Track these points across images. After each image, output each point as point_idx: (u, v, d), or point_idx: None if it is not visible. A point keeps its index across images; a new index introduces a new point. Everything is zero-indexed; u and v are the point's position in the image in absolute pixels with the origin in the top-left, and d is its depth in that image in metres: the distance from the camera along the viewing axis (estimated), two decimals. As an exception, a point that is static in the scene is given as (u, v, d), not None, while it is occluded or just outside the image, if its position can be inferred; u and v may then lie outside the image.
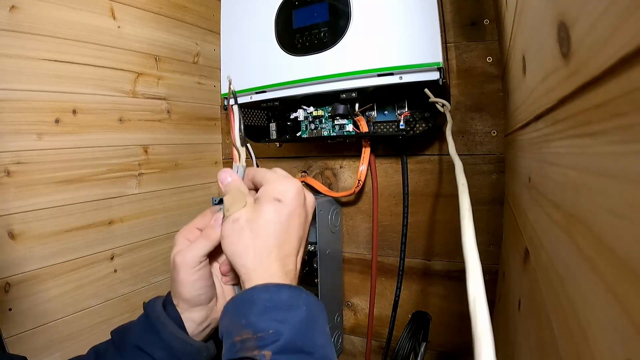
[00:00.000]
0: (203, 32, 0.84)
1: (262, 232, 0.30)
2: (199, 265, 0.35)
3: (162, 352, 0.35)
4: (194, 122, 0.83)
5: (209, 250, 0.36)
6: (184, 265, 0.35)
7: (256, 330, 0.27)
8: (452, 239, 0.67)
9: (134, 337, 0.36)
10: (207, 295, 0.37)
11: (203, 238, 0.36)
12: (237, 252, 0.31)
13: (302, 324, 0.28)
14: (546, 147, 0.25)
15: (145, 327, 0.37)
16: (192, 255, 0.35)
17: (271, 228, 0.31)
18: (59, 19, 0.57)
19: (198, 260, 0.35)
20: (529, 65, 0.30)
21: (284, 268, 0.31)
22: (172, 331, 0.36)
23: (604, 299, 0.13)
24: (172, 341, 0.36)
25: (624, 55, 0.12)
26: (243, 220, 0.31)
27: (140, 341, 0.36)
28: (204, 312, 0.38)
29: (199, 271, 0.35)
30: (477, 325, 0.16)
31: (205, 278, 0.36)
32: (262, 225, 0.30)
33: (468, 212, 0.23)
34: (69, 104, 0.59)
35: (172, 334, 0.36)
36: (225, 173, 0.36)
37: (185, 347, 0.36)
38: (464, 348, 0.67)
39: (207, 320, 0.38)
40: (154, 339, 0.36)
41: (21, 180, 0.53)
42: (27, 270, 0.54)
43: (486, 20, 0.62)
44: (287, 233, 0.31)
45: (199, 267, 0.35)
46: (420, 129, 0.62)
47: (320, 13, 0.56)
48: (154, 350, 0.35)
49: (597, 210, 0.14)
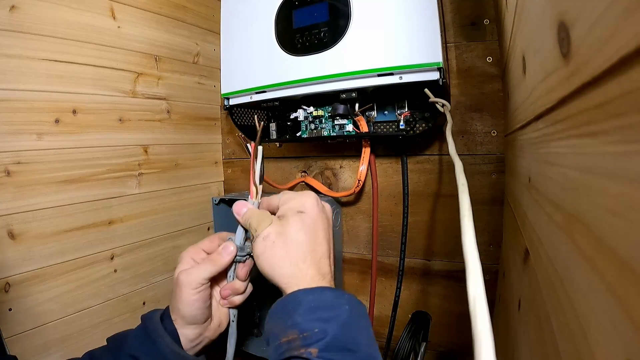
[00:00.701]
0: (203, 32, 0.84)
1: (294, 242, 0.32)
2: (201, 287, 0.37)
3: None
4: (194, 122, 0.83)
5: (213, 274, 0.37)
6: (186, 285, 0.37)
7: (302, 330, 0.27)
8: (452, 239, 0.67)
9: (130, 346, 0.37)
10: (204, 316, 0.39)
11: (209, 262, 0.37)
12: (275, 265, 0.32)
13: (346, 323, 0.28)
14: (546, 147, 0.25)
15: (142, 337, 0.38)
16: (196, 276, 0.37)
17: (302, 237, 0.32)
18: (59, 19, 0.57)
19: (201, 282, 0.37)
20: (529, 65, 0.30)
21: (320, 271, 0.32)
22: (167, 344, 0.37)
23: (604, 299, 0.13)
24: (167, 353, 0.37)
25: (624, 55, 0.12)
26: (273, 235, 0.33)
27: (136, 350, 0.37)
28: (198, 330, 0.39)
29: (199, 292, 0.37)
30: (477, 325, 0.16)
31: (204, 300, 0.38)
32: (293, 235, 0.32)
33: (468, 212, 0.23)
34: (69, 104, 0.59)
35: (168, 346, 0.37)
36: (240, 205, 0.38)
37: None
38: (464, 348, 0.67)
39: (200, 337, 0.40)
40: (149, 349, 0.37)
41: (21, 180, 0.53)
42: (27, 270, 0.54)
43: (486, 20, 0.62)
44: (316, 238, 0.33)
45: (200, 289, 0.37)
46: (420, 129, 0.62)
47: (320, 13, 0.56)
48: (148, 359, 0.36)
49: (597, 210, 0.14)
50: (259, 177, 0.38)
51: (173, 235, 0.77)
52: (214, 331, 0.41)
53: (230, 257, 0.38)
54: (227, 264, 0.38)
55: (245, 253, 0.40)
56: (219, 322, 0.41)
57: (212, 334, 0.41)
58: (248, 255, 0.40)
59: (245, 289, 0.41)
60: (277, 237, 0.32)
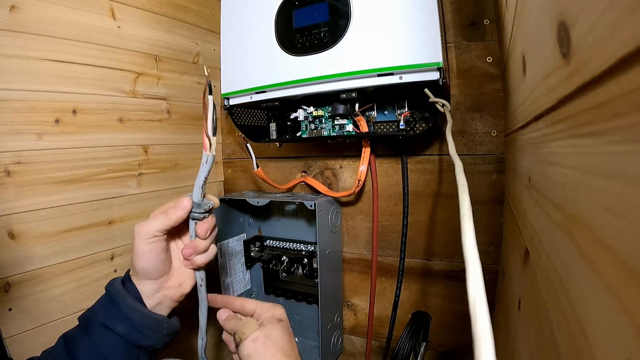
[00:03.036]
0: (203, 32, 0.84)
1: (279, 343, 0.39)
2: (153, 238, 0.38)
3: (123, 325, 0.37)
4: (194, 122, 0.83)
5: (166, 227, 0.38)
6: (138, 235, 0.38)
7: None
8: (452, 239, 0.67)
9: (97, 315, 0.38)
10: (157, 270, 0.39)
11: (162, 214, 0.39)
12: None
13: None
14: (546, 147, 0.25)
15: (106, 303, 0.39)
16: (147, 227, 0.38)
17: (285, 339, 0.40)
18: (59, 19, 0.57)
19: (152, 233, 0.38)
20: (529, 65, 0.30)
21: None
22: (130, 303, 0.38)
23: (604, 299, 0.13)
24: (131, 313, 0.37)
25: (624, 55, 0.12)
26: (262, 337, 0.39)
27: (103, 317, 0.38)
28: (154, 286, 0.40)
29: (151, 244, 0.38)
30: (477, 325, 0.16)
31: (157, 252, 0.39)
32: (278, 338, 0.39)
33: (468, 212, 0.23)
34: (69, 104, 0.59)
35: (131, 306, 0.38)
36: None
37: (144, 319, 0.38)
38: (464, 348, 0.67)
39: (158, 295, 0.40)
40: (114, 313, 0.38)
41: (21, 180, 0.53)
42: (27, 270, 0.54)
43: (486, 20, 0.62)
44: (292, 341, 0.41)
45: (152, 240, 0.38)
46: (420, 129, 0.62)
47: (320, 13, 0.56)
48: (116, 324, 0.37)
49: (597, 210, 0.14)
50: (212, 129, 0.38)
51: (173, 235, 0.77)
52: (174, 290, 0.41)
53: (184, 212, 0.39)
54: (180, 219, 0.39)
55: (204, 210, 0.40)
56: (180, 282, 0.42)
57: (173, 293, 0.41)
58: (207, 213, 0.40)
59: (207, 248, 0.42)
60: (265, 339, 0.39)
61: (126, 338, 0.37)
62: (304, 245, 0.76)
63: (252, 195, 0.76)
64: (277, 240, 0.80)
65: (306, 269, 0.72)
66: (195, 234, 0.40)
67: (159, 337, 0.39)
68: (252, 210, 0.82)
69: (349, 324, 0.79)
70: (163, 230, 0.38)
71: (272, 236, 0.81)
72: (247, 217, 0.84)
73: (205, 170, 0.39)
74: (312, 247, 0.75)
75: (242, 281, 0.83)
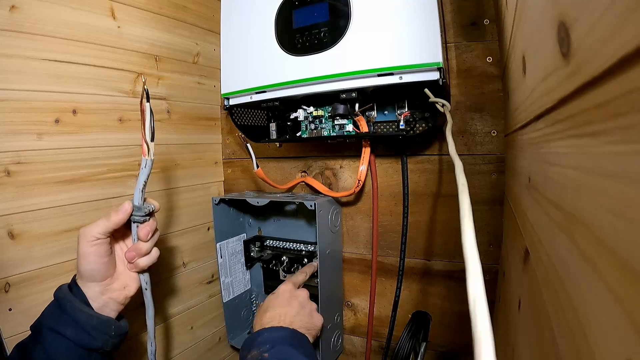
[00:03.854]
0: (203, 32, 0.84)
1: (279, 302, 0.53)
2: (96, 241, 0.39)
3: (71, 329, 0.38)
4: (194, 122, 0.83)
5: (108, 229, 0.40)
6: (82, 237, 0.39)
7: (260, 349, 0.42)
8: (452, 239, 0.67)
9: (46, 320, 0.39)
10: (100, 272, 0.40)
11: (104, 218, 0.40)
12: (261, 311, 0.52)
13: (289, 342, 0.43)
14: (546, 147, 0.25)
15: (54, 308, 0.39)
16: (91, 230, 0.39)
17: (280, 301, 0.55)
18: (59, 19, 0.57)
19: (95, 236, 0.39)
20: (529, 65, 0.30)
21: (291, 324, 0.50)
22: (76, 306, 0.38)
23: (604, 299, 0.13)
24: (77, 315, 0.38)
25: (624, 55, 0.12)
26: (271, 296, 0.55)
27: (52, 322, 0.38)
28: (98, 289, 0.40)
29: (94, 246, 0.39)
30: (477, 325, 0.16)
31: (99, 255, 0.40)
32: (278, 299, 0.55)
33: (468, 212, 0.23)
34: (69, 104, 0.59)
35: (77, 308, 0.38)
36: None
37: (91, 320, 0.39)
38: (464, 348, 0.67)
39: (103, 298, 0.41)
40: (62, 317, 0.38)
41: (21, 180, 0.53)
42: (27, 270, 0.54)
43: (486, 20, 0.62)
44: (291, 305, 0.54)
45: (94, 243, 0.39)
46: (420, 129, 0.62)
47: (320, 13, 0.56)
48: (65, 328, 0.38)
49: (597, 210, 0.14)
50: (150, 134, 0.40)
51: (173, 235, 0.77)
52: (119, 293, 0.42)
53: (124, 215, 0.40)
54: (121, 221, 0.40)
55: (144, 213, 0.41)
56: (124, 284, 0.42)
57: (117, 295, 0.42)
58: (148, 216, 0.41)
59: (149, 250, 0.42)
60: None
61: (75, 341, 0.38)
62: (304, 245, 0.76)
63: (252, 195, 0.76)
64: (277, 240, 0.80)
65: (306, 269, 0.72)
66: (137, 236, 0.42)
67: (107, 339, 0.40)
68: (252, 210, 0.82)
69: (349, 324, 0.79)
70: (105, 232, 0.40)
71: (272, 236, 0.81)
72: (247, 217, 0.84)
73: (145, 174, 0.41)
74: (312, 247, 0.75)
75: (242, 281, 0.83)
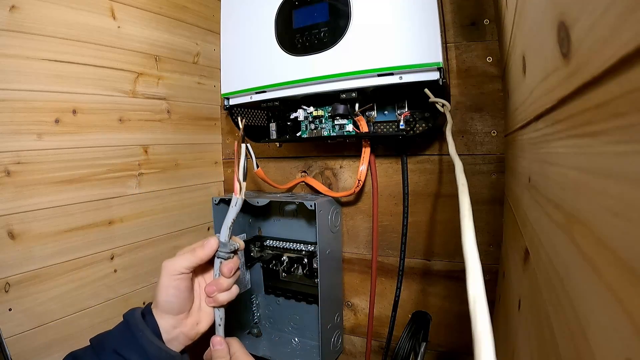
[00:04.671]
0: (203, 32, 0.84)
1: None
2: (180, 275, 0.39)
3: (137, 356, 0.38)
4: (194, 122, 0.83)
5: (192, 264, 0.40)
6: (165, 270, 0.39)
7: None
8: (452, 239, 0.67)
9: (113, 342, 0.39)
10: (178, 306, 0.40)
11: (190, 253, 0.40)
12: None
13: None
14: (546, 147, 0.25)
15: (124, 332, 0.39)
16: (175, 264, 0.39)
17: None
18: (59, 19, 0.57)
19: (179, 270, 0.39)
20: (529, 65, 0.30)
21: None
22: (148, 337, 0.38)
23: (604, 299, 0.13)
24: (148, 346, 0.38)
25: (624, 55, 0.12)
26: None
27: (118, 345, 0.38)
28: (172, 322, 0.40)
29: (176, 280, 0.39)
30: (477, 325, 0.16)
31: (181, 289, 0.40)
32: None
33: (468, 212, 0.23)
34: (69, 104, 0.59)
35: (148, 339, 0.38)
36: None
37: (160, 353, 0.39)
38: (464, 348, 0.67)
39: (175, 331, 0.41)
40: (131, 344, 0.38)
41: (21, 180, 0.53)
42: (27, 270, 0.54)
43: (486, 20, 0.62)
44: None
45: (178, 277, 0.39)
46: (420, 129, 0.62)
47: (320, 13, 0.56)
48: (131, 354, 0.37)
49: (597, 210, 0.14)
50: (242, 174, 0.40)
51: (173, 235, 0.77)
52: (191, 327, 0.42)
53: (210, 250, 0.40)
54: (207, 257, 0.40)
55: (229, 250, 0.41)
56: (197, 320, 0.42)
57: (189, 330, 0.41)
58: (232, 253, 0.41)
59: (229, 287, 0.42)
60: None
61: None
62: (304, 245, 0.76)
63: (252, 195, 0.76)
64: (277, 240, 0.80)
65: (306, 269, 0.72)
66: (219, 272, 0.41)
67: None
68: (252, 210, 0.82)
69: (349, 324, 0.79)
70: (190, 267, 0.40)
71: (272, 236, 0.81)
72: (247, 217, 0.84)
73: (234, 212, 0.41)
74: (312, 247, 0.75)
75: (242, 281, 0.82)
